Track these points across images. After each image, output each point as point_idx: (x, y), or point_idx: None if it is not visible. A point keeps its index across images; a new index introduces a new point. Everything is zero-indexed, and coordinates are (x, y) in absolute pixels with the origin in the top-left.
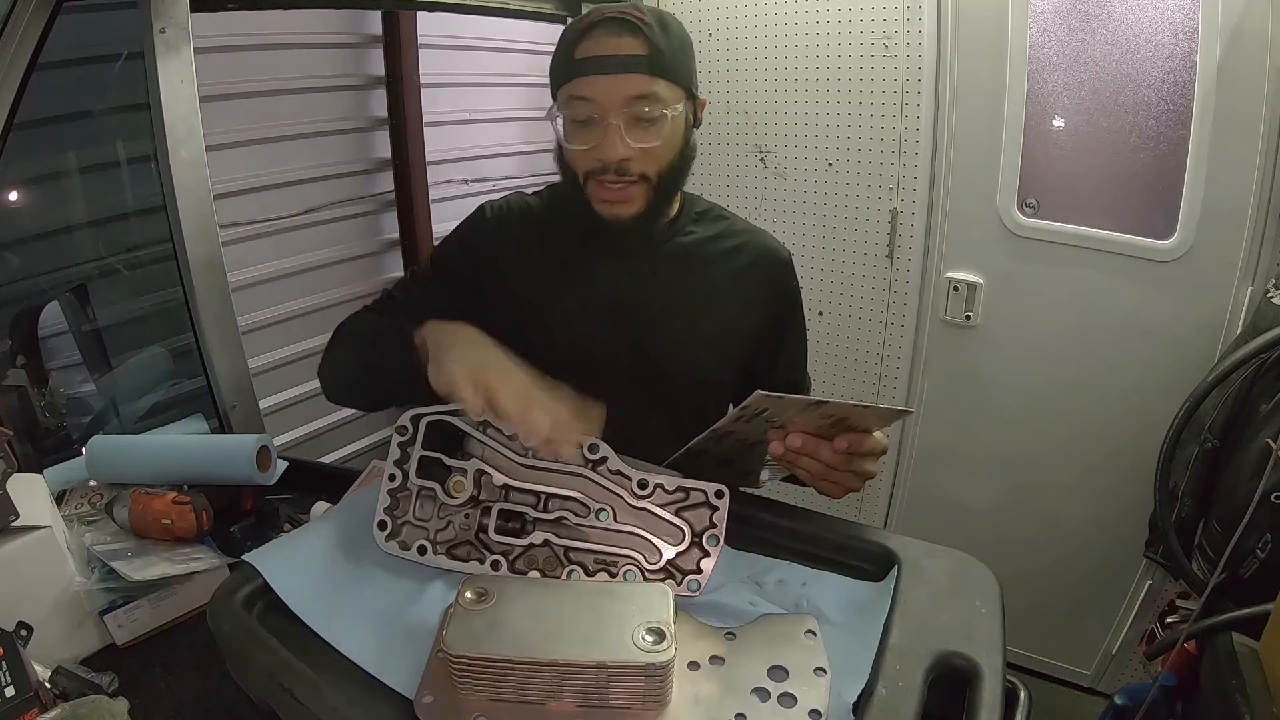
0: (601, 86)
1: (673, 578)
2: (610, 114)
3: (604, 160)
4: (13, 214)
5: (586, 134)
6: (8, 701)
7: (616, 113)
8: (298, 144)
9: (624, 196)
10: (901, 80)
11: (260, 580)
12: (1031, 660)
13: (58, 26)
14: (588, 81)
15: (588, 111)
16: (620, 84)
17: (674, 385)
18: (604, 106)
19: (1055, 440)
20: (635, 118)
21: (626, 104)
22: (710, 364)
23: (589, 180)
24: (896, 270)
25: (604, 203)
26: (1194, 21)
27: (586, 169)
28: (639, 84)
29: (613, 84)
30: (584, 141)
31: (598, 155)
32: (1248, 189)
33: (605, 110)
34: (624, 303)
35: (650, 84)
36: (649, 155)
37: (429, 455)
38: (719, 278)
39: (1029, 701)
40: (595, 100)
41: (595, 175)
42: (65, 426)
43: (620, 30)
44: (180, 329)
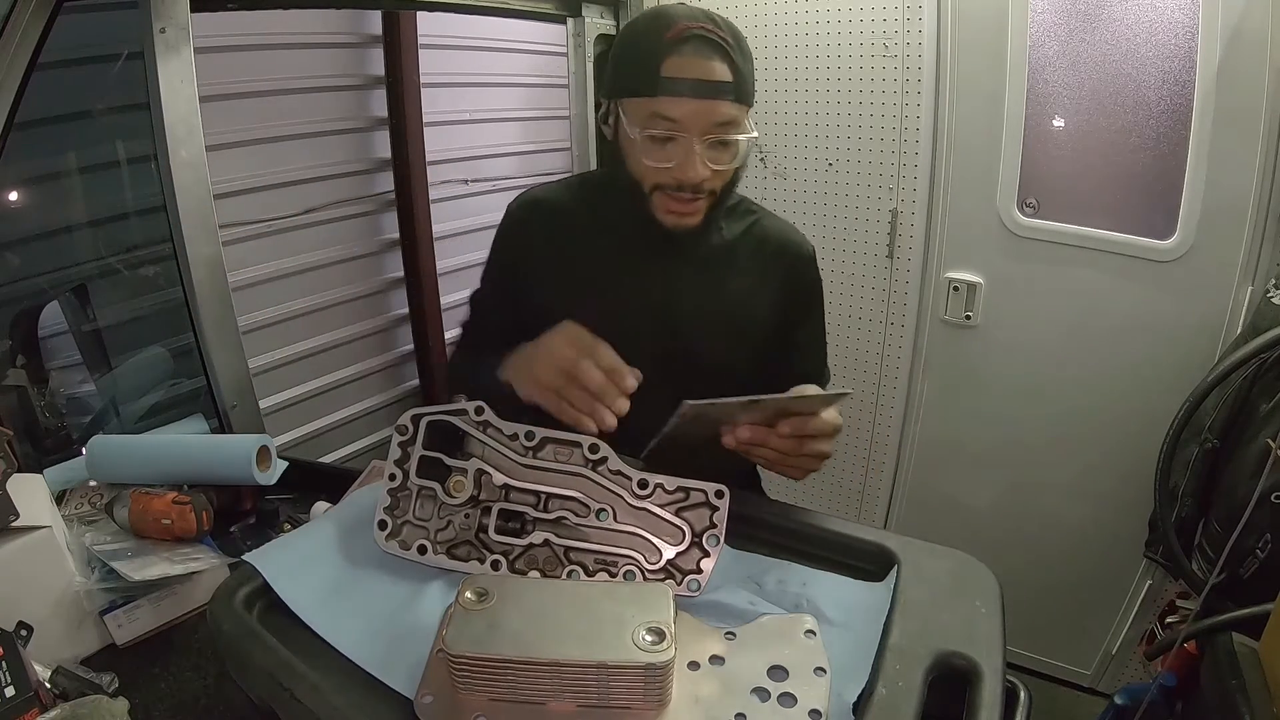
0: (690, 109)
1: (673, 578)
2: (695, 136)
3: (683, 180)
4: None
5: (664, 152)
6: (8, 701)
7: (700, 137)
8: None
9: (692, 210)
10: (901, 80)
11: (260, 580)
12: (1031, 660)
13: (58, 26)
14: (676, 103)
15: (671, 130)
16: (709, 110)
17: (696, 371)
18: (689, 129)
19: (1055, 440)
20: (717, 142)
21: (711, 129)
22: (732, 352)
23: (655, 191)
24: (896, 270)
25: (671, 214)
26: (1194, 21)
27: (657, 182)
28: (725, 111)
29: (701, 109)
30: (662, 159)
31: (677, 175)
32: (1248, 189)
33: (690, 132)
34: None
35: (734, 110)
36: (719, 176)
37: (429, 455)
38: (746, 271)
39: (1029, 701)
40: (681, 121)
41: (666, 190)
42: (65, 426)
43: (710, 53)
44: (180, 329)
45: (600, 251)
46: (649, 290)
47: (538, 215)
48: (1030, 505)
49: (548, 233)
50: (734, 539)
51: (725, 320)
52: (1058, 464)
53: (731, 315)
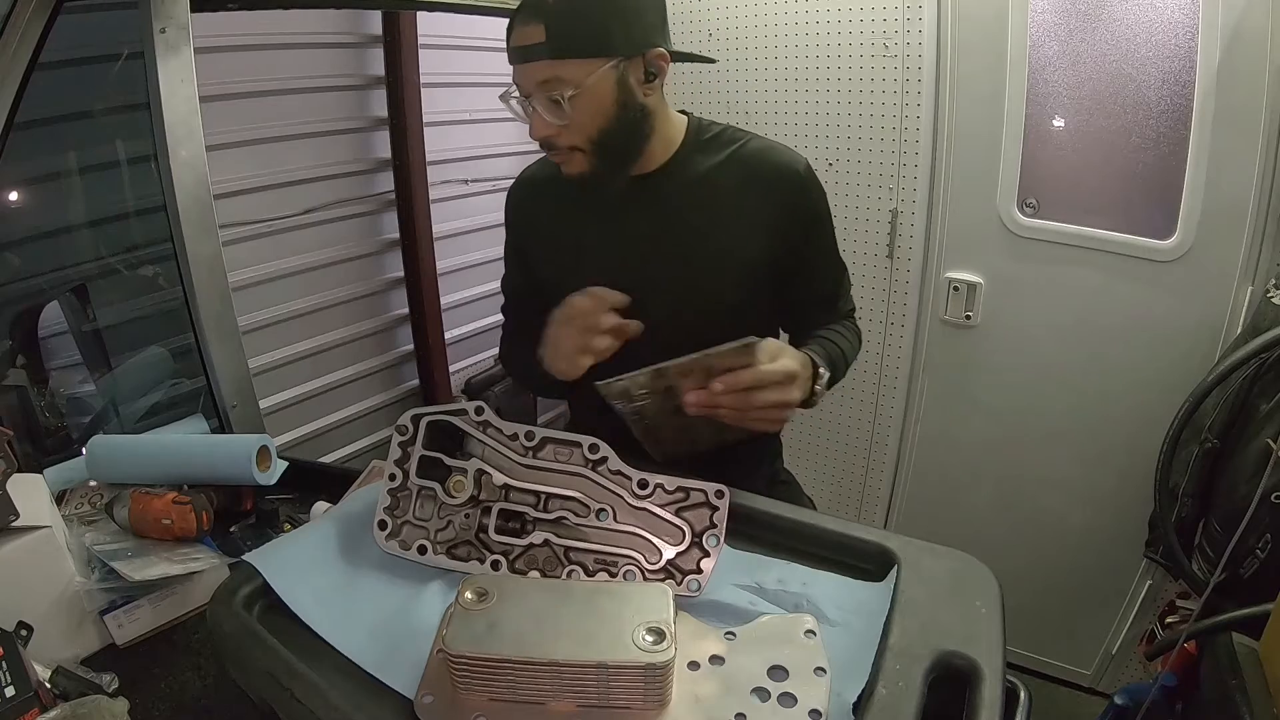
0: (519, 75)
1: (673, 578)
2: (531, 98)
3: (532, 138)
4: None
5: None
6: (8, 701)
7: (535, 97)
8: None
9: (566, 160)
10: (901, 80)
11: (260, 580)
12: (1031, 660)
13: (58, 26)
14: (514, 70)
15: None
16: (527, 71)
17: (699, 315)
18: (524, 91)
19: (1055, 440)
20: (547, 99)
21: (537, 89)
22: (731, 290)
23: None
24: (896, 270)
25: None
26: (1194, 21)
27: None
28: (542, 70)
29: (523, 72)
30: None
31: (530, 134)
32: (1248, 189)
33: (525, 94)
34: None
35: (552, 68)
36: (571, 129)
37: (429, 455)
38: (727, 204)
39: (1029, 701)
40: (519, 85)
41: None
42: (65, 426)
43: (526, 18)
44: (180, 329)
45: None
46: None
47: (531, 191)
48: (1030, 505)
49: (541, 205)
50: (734, 539)
51: (711, 251)
52: (1058, 464)
53: (722, 248)
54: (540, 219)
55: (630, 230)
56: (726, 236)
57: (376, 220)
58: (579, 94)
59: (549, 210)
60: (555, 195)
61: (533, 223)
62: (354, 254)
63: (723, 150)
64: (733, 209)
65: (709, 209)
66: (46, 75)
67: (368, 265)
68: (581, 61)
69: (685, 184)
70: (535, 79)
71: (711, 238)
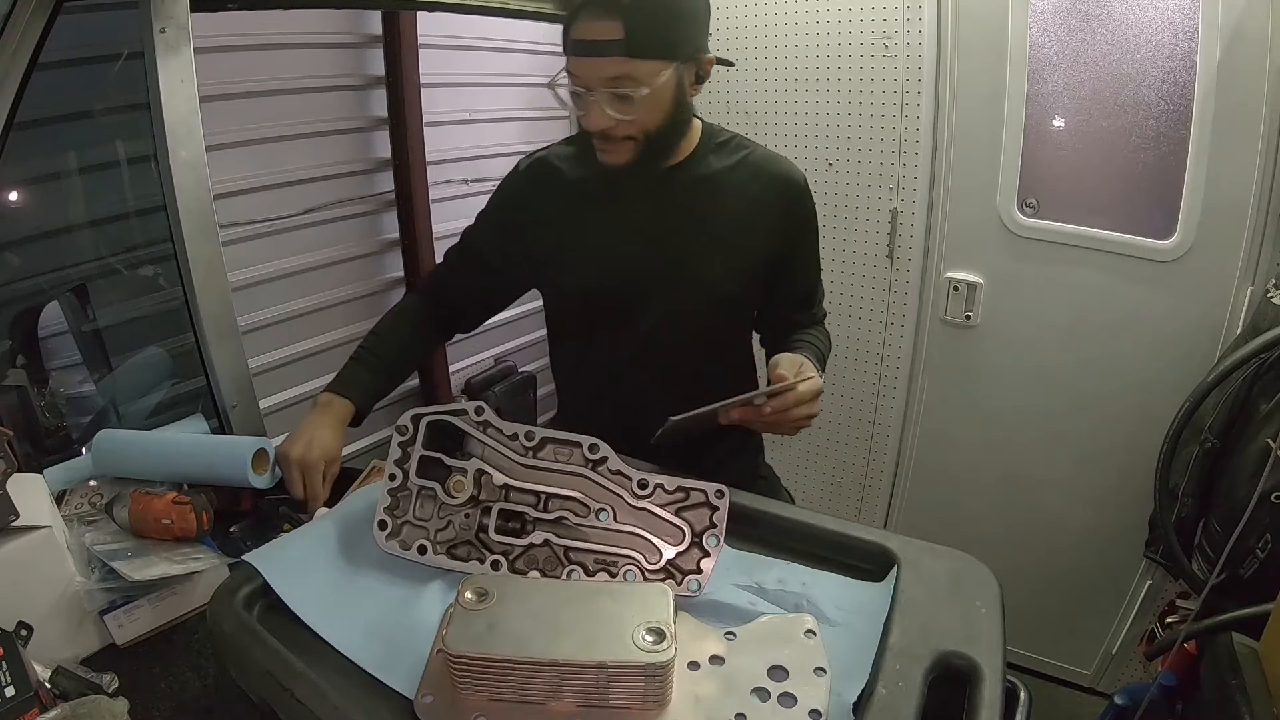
0: (585, 68)
1: (673, 578)
2: (594, 91)
3: (590, 128)
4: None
5: (580, 104)
6: (8, 701)
7: (598, 90)
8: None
9: (616, 150)
10: (901, 80)
11: (260, 580)
12: (1031, 660)
13: (58, 26)
14: (576, 62)
15: (576, 85)
16: (599, 66)
17: (698, 302)
18: (587, 84)
19: (1055, 440)
20: (614, 94)
21: (605, 84)
22: (729, 281)
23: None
24: (896, 270)
25: (602, 153)
26: (1194, 21)
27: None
28: (615, 66)
29: (593, 66)
30: (579, 110)
31: (586, 124)
32: (1248, 189)
33: (590, 88)
34: (646, 231)
35: (626, 65)
36: (629, 123)
37: (429, 455)
38: (734, 203)
39: (1029, 701)
40: (580, 78)
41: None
42: (65, 426)
43: (603, 14)
44: (180, 329)
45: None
46: (640, 223)
47: (542, 171)
48: (1030, 505)
49: (554, 187)
50: (734, 539)
51: (720, 247)
52: (1058, 464)
53: (726, 242)
54: (551, 199)
55: (643, 219)
56: (731, 231)
57: (376, 220)
58: (650, 92)
59: (561, 192)
60: (567, 180)
61: (542, 201)
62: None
63: (734, 155)
64: (739, 207)
65: (718, 205)
66: (46, 75)
67: (368, 265)
68: (652, 62)
69: (699, 181)
70: (605, 74)
71: (718, 231)
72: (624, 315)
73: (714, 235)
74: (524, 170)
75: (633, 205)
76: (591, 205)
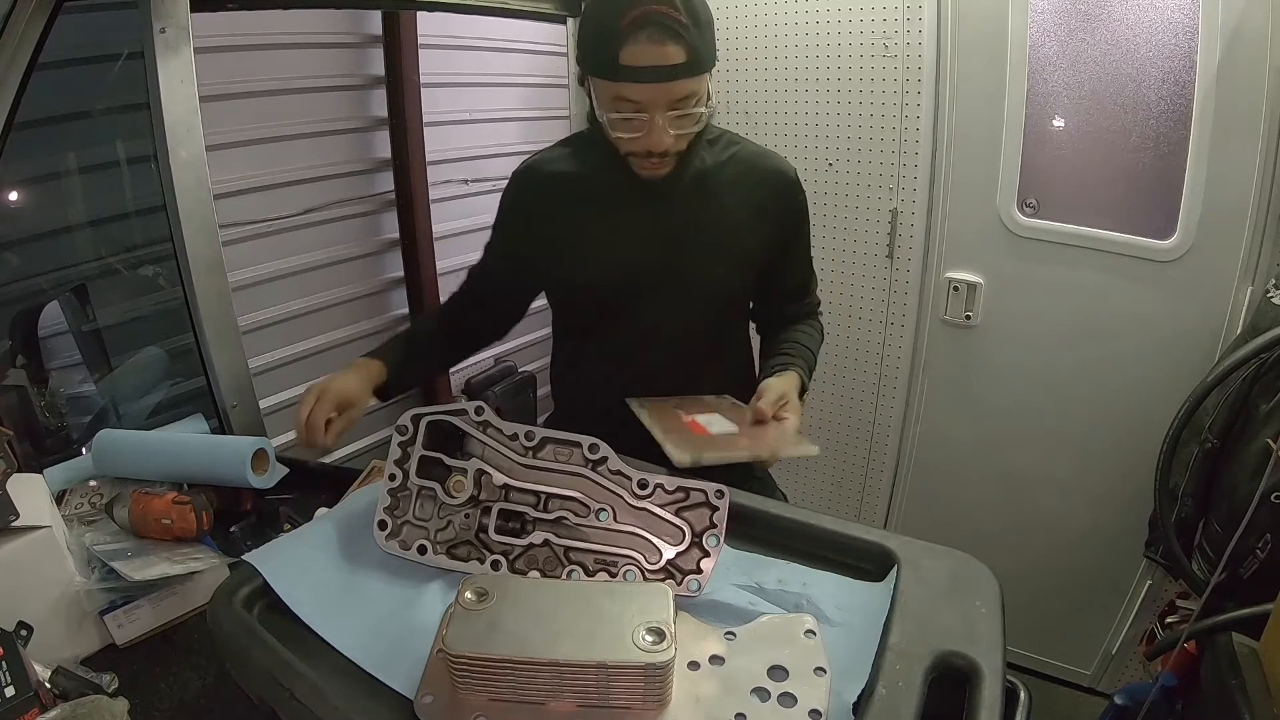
0: (649, 93)
1: (673, 578)
2: (657, 114)
3: (651, 149)
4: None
5: (631, 126)
6: (8, 701)
7: (662, 113)
8: (298, 144)
9: (663, 165)
10: (901, 80)
11: (260, 580)
12: (1031, 660)
13: (58, 26)
14: (636, 88)
15: (634, 111)
16: (667, 91)
17: (696, 294)
18: (650, 109)
19: (1055, 440)
20: (678, 115)
21: (671, 105)
22: (725, 273)
23: (630, 157)
24: (896, 270)
25: (645, 170)
26: (1194, 21)
27: (629, 150)
28: (683, 89)
29: (659, 91)
30: (629, 132)
31: (645, 145)
32: (1248, 189)
33: (653, 110)
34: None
35: (691, 85)
36: (684, 138)
37: (429, 455)
38: (728, 198)
39: (1029, 701)
40: (642, 103)
41: (637, 156)
42: (65, 426)
43: (664, 38)
44: (180, 329)
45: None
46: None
47: (536, 178)
48: (1030, 505)
49: (546, 191)
50: (734, 539)
51: (716, 241)
52: (1058, 464)
53: (720, 236)
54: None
55: (639, 217)
56: (727, 227)
57: (376, 220)
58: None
59: (557, 194)
60: (563, 181)
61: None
62: (354, 254)
63: (724, 151)
64: (733, 202)
65: (713, 201)
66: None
67: (368, 265)
68: (703, 76)
69: (693, 179)
70: (674, 96)
71: (714, 228)
72: (623, 313)
73: (710, 231)
74: (520, 175)
75: (629, 204)
76: (589, 205)
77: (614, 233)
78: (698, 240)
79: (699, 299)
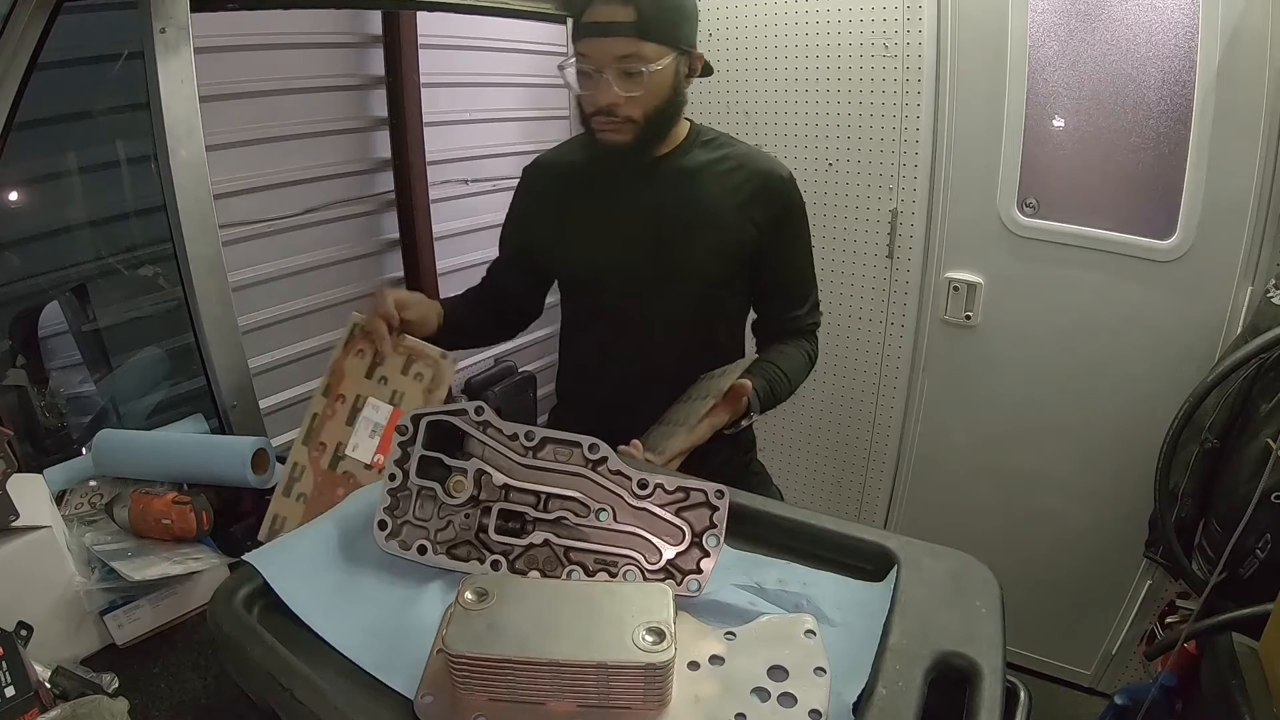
0: (597, 47)
1: (673, 578)
2: (603, 68)
3: (598, 105)
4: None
5: (588, 83)
6: (8, 701)
7: (608, 68)
8: (298, 144)
9: (617, 128)
10: (901, 80)
11: (260, 580)
12: (1031, 660)
13: (58, 26)
14: (588, 43)
15: (585, 64)
16: (611, 45)
17: (684, 285)
18: (597, 62)
19: (1055, 440)
20: (623, 72)
21: (615, 61)
22: (705, 257)
23: (592, 119)
24: (896, 270)
25: (602, 132)
26: (1194, 21)
27: (589, 111)
28: (625, 45)
29: (605, 45)
30: (586, 89)
31: (593, 100)
32: (1248, 189)
33: (599, 65)
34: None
35: (635, 45)
36: (634, 101)
37: (429, 455)
38: (716, 192)
39: (1029, 701)
40: (591, 57)
41: (595, 115)
42: (65, 426)
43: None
44: (180, 329)
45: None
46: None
47: (538, 172)
48: (1030, 505)
49: (546, 183)
50: (734, 539)
51: (702, 233)
52: (1058, 464)
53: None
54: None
55: (630, 206)
56: (713, 217)
57: (376, 220)
58: (654, 72)
59: (558, 190)
60: (562, 172)
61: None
62: (354, 254)
63: (719, 150)
64: (719, 192)
65: (701, 193)
66: (46, 75)
67: (368, 265)
68: (657, 46)
69: (685, 170)
70: (616, 52)
71: (701, 217)
72: (614, 298)
73: (697, 221)
74: (525, 170)
75: (622, 193)
76: (584, 195)
77: (604, 220)
78: (679, 224)
79: (680, 284)
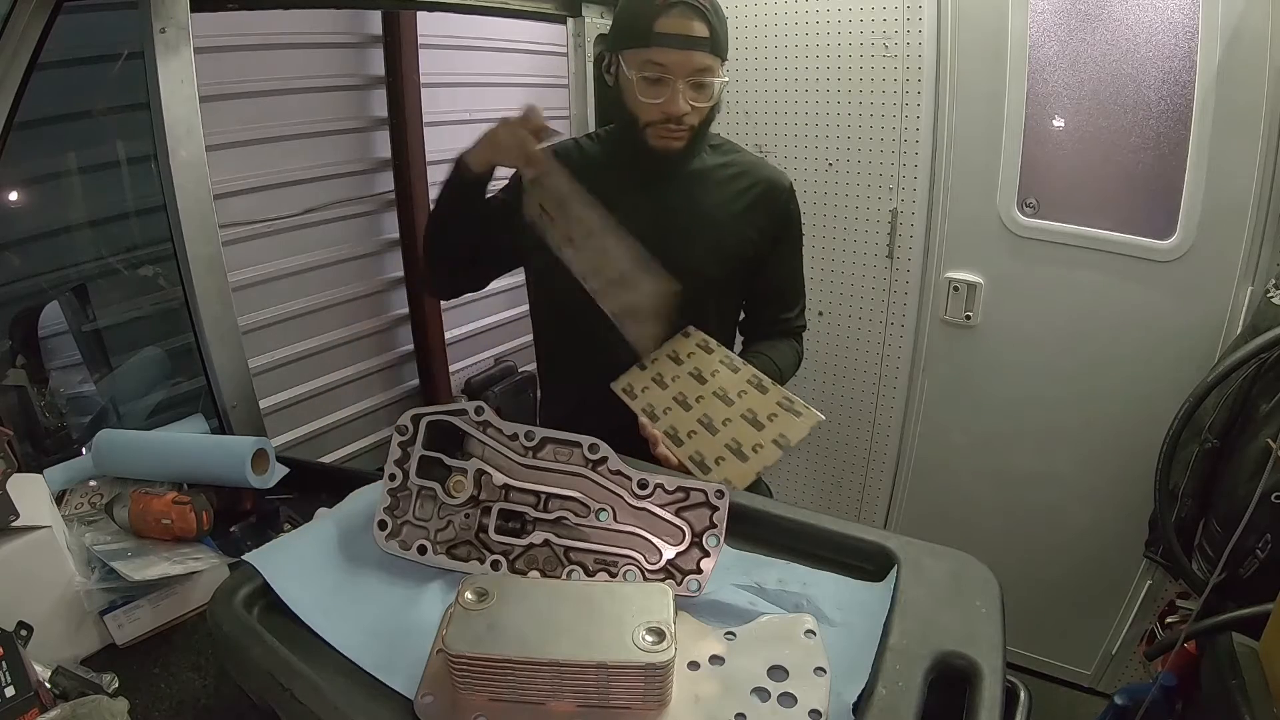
0: (675, 58)
1: (673, 578)
2: (679, 79)
3: (670, 114)
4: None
5: (655, 90)
6: (8, 701)
7: (683, 79)
8: (298, 144)
9: (677, 136)
10: (901, 80)
11: (260, 580)
12: (1031, 660)
13: (58, 26)
14: (664, 52)
15: (660, 74)
16: (691, 58)
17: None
18: (674, 73)
19: (1055, 440)
20: (695, 84)
21: (692, 73)
22: (703, 257)
23: (649, 126)
24: (896, 270)
25: (660, 140)
26: (1194, 21)
27: (650, 119)
28: (703, 60)
29: (685, 58)
30: (653, 96)
31: (665, 109)
32: (1248, 189)
33: (675, 76)
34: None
35: (709, 59)
36: (697, 111)
37: (429, 455)
38: (721, 196)
39: (1029, 701)
40: (668, 66)
41: (656, 124)
42: (65, 426)
43: (693, 15)
44: (180, 329)
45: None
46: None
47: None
48: (1030, 505)
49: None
50: (734, 539)
51: (697, 227)
52: (1058, 464)
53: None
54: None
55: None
56: (710, 216)
57: (376, 220)
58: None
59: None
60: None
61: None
62: (354, 254)
63: (725, 155)
64: (722, 197)
65: (706, 195)
66: (46, 75)
67: (368, 265)
68: (719, 61)
69: (694, 174)
70: (695, 65)
71: (704, 220)
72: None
73: (700, 223)
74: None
75: (630, 192)
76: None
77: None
78: (680, 224)
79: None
